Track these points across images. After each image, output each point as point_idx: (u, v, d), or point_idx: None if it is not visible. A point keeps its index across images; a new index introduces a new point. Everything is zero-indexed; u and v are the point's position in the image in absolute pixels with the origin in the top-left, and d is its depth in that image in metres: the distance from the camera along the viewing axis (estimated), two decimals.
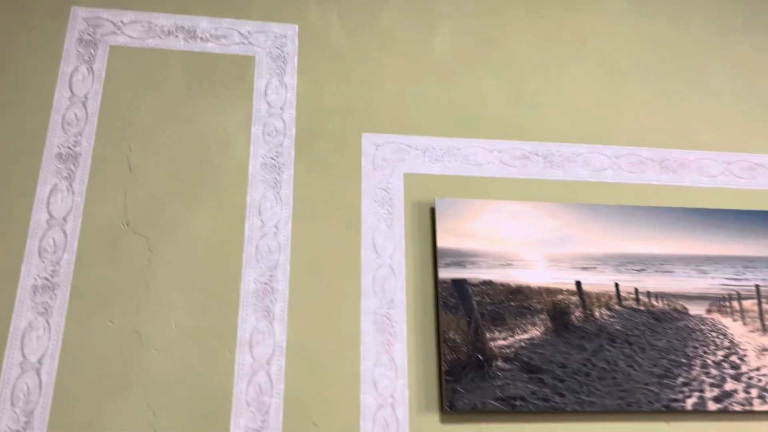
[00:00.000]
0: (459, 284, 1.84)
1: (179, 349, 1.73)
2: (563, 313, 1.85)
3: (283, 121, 2.00)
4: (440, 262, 1.86)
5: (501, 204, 1.95)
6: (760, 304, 1.94)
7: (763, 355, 1.89)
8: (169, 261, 1.81)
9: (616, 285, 1.90)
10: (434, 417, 1.75)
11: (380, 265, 1.88)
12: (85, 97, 1.95)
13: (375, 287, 1.86)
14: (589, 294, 1.88)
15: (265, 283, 1.82)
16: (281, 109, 2.01)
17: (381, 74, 2.11)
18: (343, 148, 2.00)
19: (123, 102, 1.96)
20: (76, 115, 1.92)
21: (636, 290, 1.91)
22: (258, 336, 1.77)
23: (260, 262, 1.84)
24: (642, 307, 1.89)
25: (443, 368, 1.76)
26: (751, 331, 1.91)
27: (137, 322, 1.74)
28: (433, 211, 1.94)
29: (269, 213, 1.89)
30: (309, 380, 1.75)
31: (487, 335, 1.80)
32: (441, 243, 1.88)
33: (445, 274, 1.85)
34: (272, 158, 1.95)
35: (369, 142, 2.02)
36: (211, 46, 2.06)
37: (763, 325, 1.92)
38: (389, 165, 2.00)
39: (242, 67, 2.05)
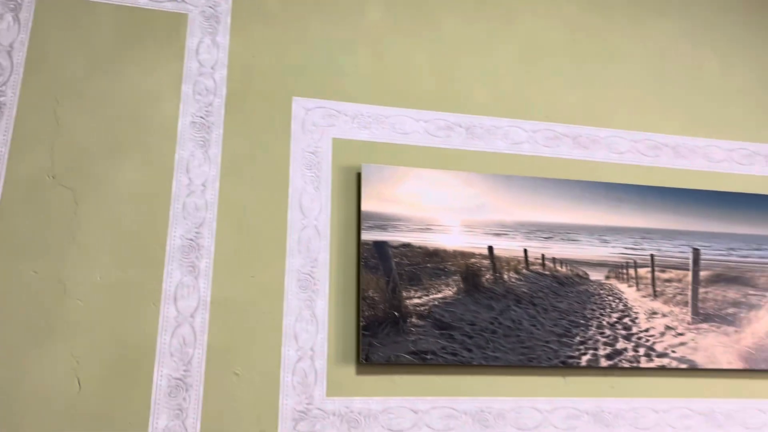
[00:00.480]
0: (380, 246, 1.95)
1: (103, 301, 1.78)
2: (475, 276, 1.98)
3: (214, 81, 2.02)
4: (363, 224, 1.95)
5: (424, 172, 2.05)
6: (653, 272, 2.13)
7: (652, 317, 2.08)
8: (96, 214, 1.84)
9: (525, 251, 2.05)
10: (351, 369, 1.87)
11: (306, 226, 1.96)
12: (11, 46, 1.91)
13: (300, 247, 1.94)
14: (499, 258, 2.02)
15: (191, 240, 1.87)
16: (212, 68, 2.03)
17: (314, 39, 2.15)
18: (274, 110, 2.05)
19: (51, 53, 1.94)
20: (0, 65, 1.89)
21: (543, 256, 2.06)
22: (183, 290, 1.82)
23: (187, 219, 1.88)
24: (547, 272, 2.05)
25: (361, 324, 1.87)
26: (644, 296, 2.10)
27: (62, 273, 1.77)
28: (359, 176, 2.03)
29: (197, 171, 1.93)
30: (232, 333, 1.83)
31: (404, 294, 1.92)
32: (365, 206, 1.97)
33: (368, 236, 1.95)
34: (201, 117, 1.98)
35: (299, 105, 2.07)
36: (143, 2, 2.05)
37: (655, 291, 2.11)
38: (318, 129, 2.06)
39: (174, 24, 2.05)
